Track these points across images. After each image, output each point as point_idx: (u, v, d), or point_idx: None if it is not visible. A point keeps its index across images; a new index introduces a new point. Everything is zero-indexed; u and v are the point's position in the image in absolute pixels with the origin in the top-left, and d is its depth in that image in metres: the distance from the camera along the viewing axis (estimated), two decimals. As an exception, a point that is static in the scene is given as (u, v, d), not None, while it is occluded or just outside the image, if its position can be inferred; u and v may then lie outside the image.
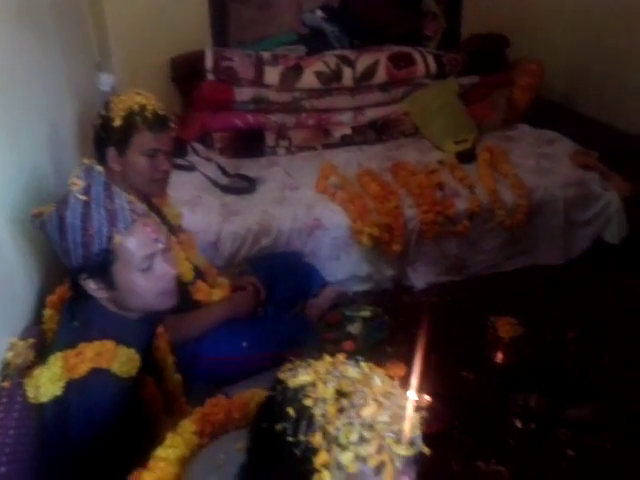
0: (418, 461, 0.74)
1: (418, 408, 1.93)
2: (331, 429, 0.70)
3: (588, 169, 2.76)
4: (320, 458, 0.69)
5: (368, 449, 0.69)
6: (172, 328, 1.69)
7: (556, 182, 2.68)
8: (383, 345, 2.25)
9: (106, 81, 2.58)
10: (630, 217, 2.74)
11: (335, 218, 2.53)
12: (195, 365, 1.82)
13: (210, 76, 2.96)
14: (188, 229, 2.05)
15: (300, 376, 0.76)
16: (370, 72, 3.09)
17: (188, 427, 0.98)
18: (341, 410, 0.71)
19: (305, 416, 0.72)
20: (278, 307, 2.16)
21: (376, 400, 0.73)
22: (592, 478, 1.74)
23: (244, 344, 1.87)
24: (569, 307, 2.49)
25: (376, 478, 0.71)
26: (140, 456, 0.97)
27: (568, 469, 1.77)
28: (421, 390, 1.98)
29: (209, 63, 2.95)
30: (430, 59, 3.18)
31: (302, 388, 0.74)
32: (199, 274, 1.92)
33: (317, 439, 0.70)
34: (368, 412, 0.71)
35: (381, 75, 3.10)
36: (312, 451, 0.70)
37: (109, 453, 1.12)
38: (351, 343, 2.22)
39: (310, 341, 2.05)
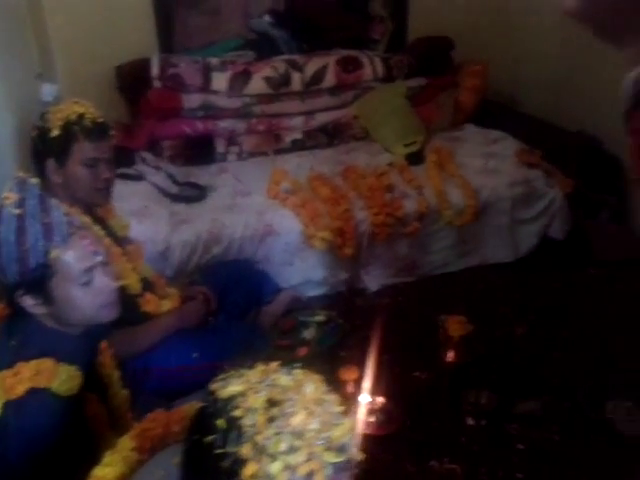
0: (349, 467, 0.75)
1: (371, 410, 1.94)
2: (260, 439, 0.70)
3: (532, 167, 2.83)
4: (249, 469, 0.69)
5: (297, 458, 0.70)
6: (121, 342, 1.67)
7: (502, 181, 2.75)
8: (337, 349, 2.26)
9: (49, 91, 2.53)
10: (573, 212, 2.82)
11: (287, 223, 2.53)
12: (146, 378, 1.81)
13: (157, 83, 2.94)
14: (135, 240, 2.03)
15: (231, 386, 0.76)
16: (319, 76, 3.11)
17: (126, 444, 0.97)
18: (271, 419, 0.72)
19: (234, 427, 0.72)
20: (230, 315, 2.15)
21: (306, 408, 0.73)
22: (542, 470, 1.77)
23: (195, 354, 1.86)
24: (518, 304, 2.54)
25: None
26: (84, 475, 0.95)
27: (519, 463, 1.80)
28: (374, 392, 1.99)
29: (155, 70, 2.92)
30: (377, 62, 3.22)
31: (232, 399, 0.74)
32: (147, 285, 1.90)
33: (246, 450, 0.70)
34: (298, 420, 0.71)
35: (330, 79, 3.12)
36: (240, 463, 0.70)
37: (49, 474, 1.09)
38: (305, 349, 2.23)
39: (263, 348, 2.05)
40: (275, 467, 0.69)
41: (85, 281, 1.17)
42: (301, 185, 2.72)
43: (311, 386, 0.77)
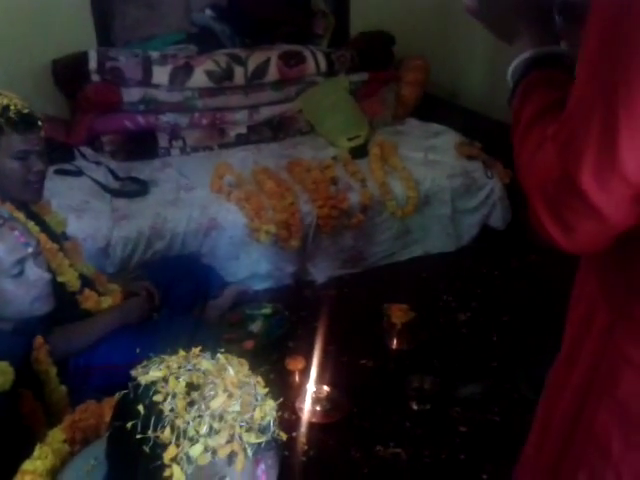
0: (274, 447, 0.76)
1: (318, 399, 1.97)
2: (180, 423, 0.71)
3: (472, 159, 2.90)
4: (169, 453, 0.70)
5: (218, 440, 0.70)
6: (61, 339, 1.64)
7: (442, 173, 2.80)
8: (284, 340, 2.28)
9: (-21, 84, 2.43)
10: (512, 202, 2.91)
11: (231, 217, 2.52)
12: (88, 375, 1.77)
13: (95, 77, 2.86)
14: (74, 236, 1.98)
15: (152, 372, 0.76)
16: (261, 70, 3.10)
17: (57, 436, 0.96)
18: (191, 403, 0.72)
19: (154, 412, 0.72)
20: (175, 311, 2.13)
21: (226, 390, 0.74)
22: (483, 450, 1.83)
23: (138, 350, 1.82)
24: (460, 291, 2.62)
25: (228, 468, 0.72)
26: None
27: (461, 444, 1.86)
28: (321, 381, 2.02)
29: (93, 64, 2.85)
30: (320, 57, 3.23)
31: (153, 384, 0.75)
32: (87, 282, 1.86)
33: (166, 434, 0.70)
34: (218, 403, 0.72)
35: (273, 73, 3.11)
36: (161, 447, 0.70)
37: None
38: (252, 341, 2.23)
39: (209, 342, 2.04)
40: (196, 450, 0.70)
41: (16, 273, 1.14)
42: (245, 179, 2.71)
43: (233, 369, 0.77)
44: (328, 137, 3.15)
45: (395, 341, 2.22)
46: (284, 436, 0.77)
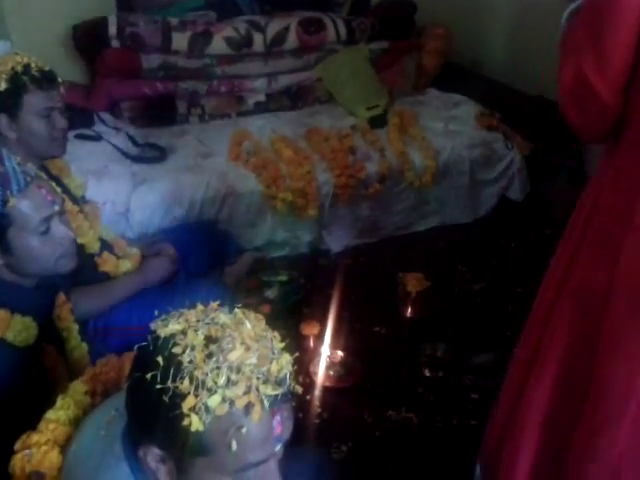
0: (288, 400, 0.78)
1: (332, 364, 2.00)
2: (199, 374, 0.72)
3: (492, 130, 2.87)
4: (188, 403, 0.72)
5: (235, 391, 0.72)
6: (82, 298, 1.67)
7: (462, 143, 2.78)
8: (299, 307, 2.31)
9: (1, 48, 2.45)
10: (531, 174, 2.88)
11: (249, 185, 2.53)
12: (107, 336, 1.80)
13: (115, 43, 2.86)
14: (93, 200, 2.00)
15: (171, 325, 0.78)
16: (281, 38, 3.08)
17: (79, 388, 0.98)
18: (209, 355, 0.74)
19: (173, 363, 0.74)
20: (192, 276, 2.16)
21: (244, 343, 0.75)
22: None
23: (156, 312, 1.86)
24: (476, 262, 2.62)
25: (245, 419, 0.74)
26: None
27: (472, 411, 1.89)
28: (335, 346, 2.05)
29: (113, 29, 2.84)
30: (340, 24, 3.20)
31: (172, 336, 0.77)
32: (106, 246, 1.88)
33: (185, 385, 0.72)
34: (235, 355, 0.74)
35: (292, 40, 3.09)
36: (180, 396, 0.72)
37: (6, 421, 1.10)
38: (268, 307, 2.26)
39: (227, 306, 2.07)
40: (214, 400, 0.72)
41: (43, 230, 1.16)
42: (263, 147, 2.71)
43: (250, 323, 0.79)
44: (347, 106, 3.13)
45: (409, 309, 2.23)
46: (299, 389, 0.79)
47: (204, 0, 3.26)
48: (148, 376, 0.75)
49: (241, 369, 0.73)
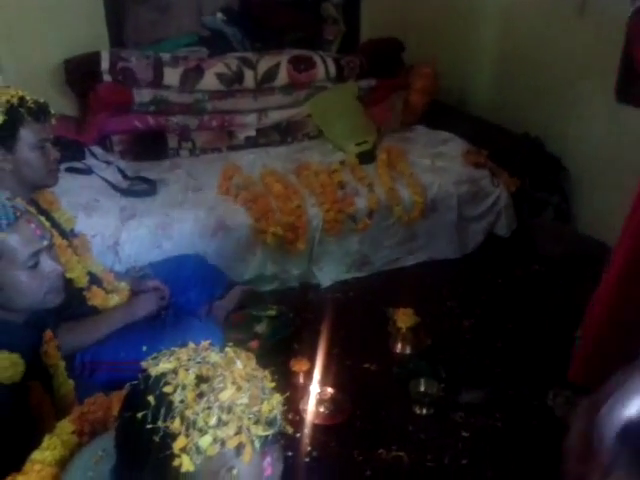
0: (278, 440, 0.77)
1: (321, 401, 1.97)
2: (190, 414, 0.72)
3: (479, 167, 2.91)
4: (179, 443, 0.71)
5: (227, 431, 0.72)
6: (69, 334, 1.65)
7: (449, 180, 2.82)
8: (289, 342, 2.29)
9: (-7, 82, 2.47)
10: (518, 211, 2.92)
11: (238, 219, 2.53)
12: (94, 371, 1.78)
13: (107, 77, 2.89)
14: (83, 233, 1.99)
15: (162, 364, 0.78)
16: (271, 74, 3.13)
17: (66, 428, 0.97)
18: (200, 395, 0.73)
19: (164, 403, 0.73)
20: (182, 310, 2.14)
21: (235, 383, 0.75)
22: (485, 455, 1.84)
23: (144, 348, 1.83)
24: (465, 298, 2.63)
25: (236, 459, 0.73)
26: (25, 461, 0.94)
27: (463, 449, 1.87)
28: (324, 383, 2.03)
29: (105, 64, 2.87)
30: (330, 62, 3.26)
31: (163, 375, 0.76)
32: (94, 279, 1.87)
33: (176, 425, 0.72)
34: (227, 395, 0.73)
35: (282, 77, 3.14)
36: (171, 437, 0.72)
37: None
38: (256, 342, 2.24)
39: (216, 342, 2.05)
40: (205, 440, 0.71)
41: (31, 265, 1.16)
42: (253, 181, 2.73)
43: (241, 363, 0.78)
44: (336, 142, 3.17)
45: (399, 345, 2.22)
46: (290, 430, 0.78)
47: (196, 36, 3.32)
48: (139, 415, 0.74)
49: (232, 409, 0.73)
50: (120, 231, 2.36)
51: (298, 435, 1.86)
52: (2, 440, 1.09)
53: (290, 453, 1.79)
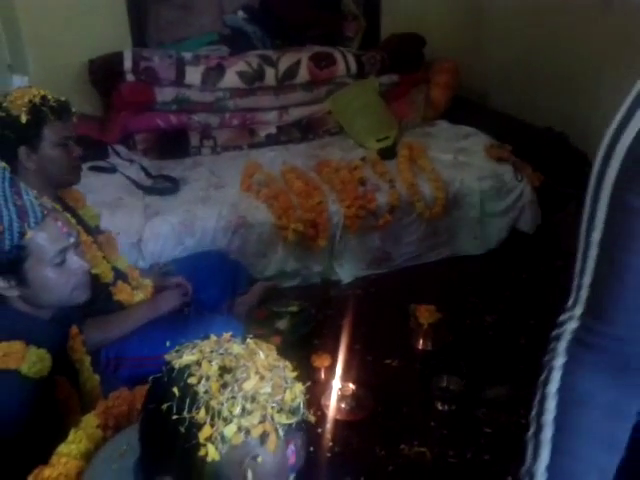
0: (302, 429, 0.78)
1: (343, 397, 1.98)
2: (214, 404, 0.73)
3: (502, 162, 2.88)
4: (204, 433, 0.72)
5: (251, 420, 0.73)
6: (94, 329, 1.68)
7: (472, 175, 2.79)
8: (310, 338, 2.30)
9: (19, 82, 2.51)
10: (542, 206, 2.88)
11: (260, 215, 2.55)
12: (118, 366, 1.81)
13: (130, 77, 2.93)
14: (108, 230, 2.02)
15: (185, 356, 0.79)
16: (292, 72, 3.13)
17: (91, 422, 0.98)
18: (224, 385, 0.74)
19: (189, 393, 0.74)
20: (204, 306, 2.16)
21: (258, 373, 0.76)
22: (507, 451, 1.82)
23: (168, 343, 1.86)
24: (488, 294, 2.61)
25: (261, 448, 0.74)
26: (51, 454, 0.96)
27: (485, 445, 1.86)
28: (346, 379, 2.03)
29: (128, 64, 2.91)
30: (350, 58, 3.25)
31: (187, 367, 0.77)
32: (120, 275, 1.90)
33: (201, 415, 0.73)
34: (250, 385, 0.74)
35: (303, 74, 3.14)
36: (196, 426, 0.73)
37: (18, 454, 1.09)
38: (278, 338, 2.25)
39: (237, 338, 2.07)
40: (230, 429, 0.72)
41: (58, 262, 1.18)
42: (274, 178, 2.74)
43: (263, 353, 0.79)
44: (357, 138, 3.17)
45: (421, 341, 2.22)
46: (312, 418, 0.79)
47: (217, 35, 3.34)
48: (164, 407, 0.75)
49: (256, 398, 0.74)
50: (143, 228, 2.39)
51: (320, 430, 1.87)
52: (30, 434, 1.11)
53: (312, 448, 1.80)
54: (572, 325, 0.78)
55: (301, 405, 0.77)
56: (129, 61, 2.93)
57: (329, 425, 1.88)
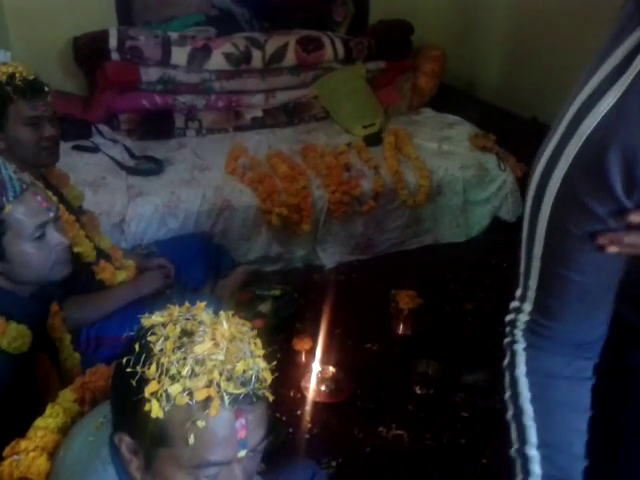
0: (255, 403, 0.77)
1: (323, 379, 2.00)
2: (165, 361, 0.75)
3: (486, 151, 2.91)
4: (150, 387, 0.74)
5: (196, 382, 0.74)
6: (75, 308, 1.67)
7: (455, 163, 2.81)
8: (292, 321, 2.32)
9: (0, 58, 2.47)
10: (523, 196, 2.91)
11: (244, 199, 2.54)
12: (99, 346, 1.80)
13: (115, 56, 2.89)
14: (91, 211, 2.01)
15: (154, 317, 0.81)
16: (279, 55, 3.11)
17: (68, 396, 0.99)
18: (180, 346, 0.76)
19: (146, 350, 0.77)
20: (186, 288, 2.16)
21: (214, 339, 0.77)
22: (483, 436, 1.86)
23: (149, 324, 1.86)
24: (468, 281, 2.64)
25: (203, 413, 0.75)
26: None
27: (462, 429, 1.89)
28: (326, 362, 2.05)
29: (113, 42, 2.87)
30: (338, 43, 3.24)
31: (152, 327, 0.80)
32: (103, 255, 1.89)
33: (151, 370, 0.75)
34: (202, 349, 0.76)
35: (290, 58, 3.13)
36: (145, 381, 0.75)
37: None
38: (260, 321, 2.26)
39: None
40: (174, 388, 0.74)
41: (37, 236, 1.17)
42: (259, 162, 2.74)
43: (227, 324, 0.80)
44: (343, 124, 3.17)
45: (401, 326, 2.24)
46: (270, 396, 0.79)
47: (204, 16, 3.30)
48: (124, 360, 0.78)
49: (205, 362, 0.75)
50: (126, 209, 2.38)
51: (299, 412, 1.89)
52: (8, 407, 1.12)
53: (291, 429, 1.82)
54: (524, 317, 0.84)
55: (253, 378, 0.76)
56: (114, 39, 2.89)
57: (308, 407, 1.90)
